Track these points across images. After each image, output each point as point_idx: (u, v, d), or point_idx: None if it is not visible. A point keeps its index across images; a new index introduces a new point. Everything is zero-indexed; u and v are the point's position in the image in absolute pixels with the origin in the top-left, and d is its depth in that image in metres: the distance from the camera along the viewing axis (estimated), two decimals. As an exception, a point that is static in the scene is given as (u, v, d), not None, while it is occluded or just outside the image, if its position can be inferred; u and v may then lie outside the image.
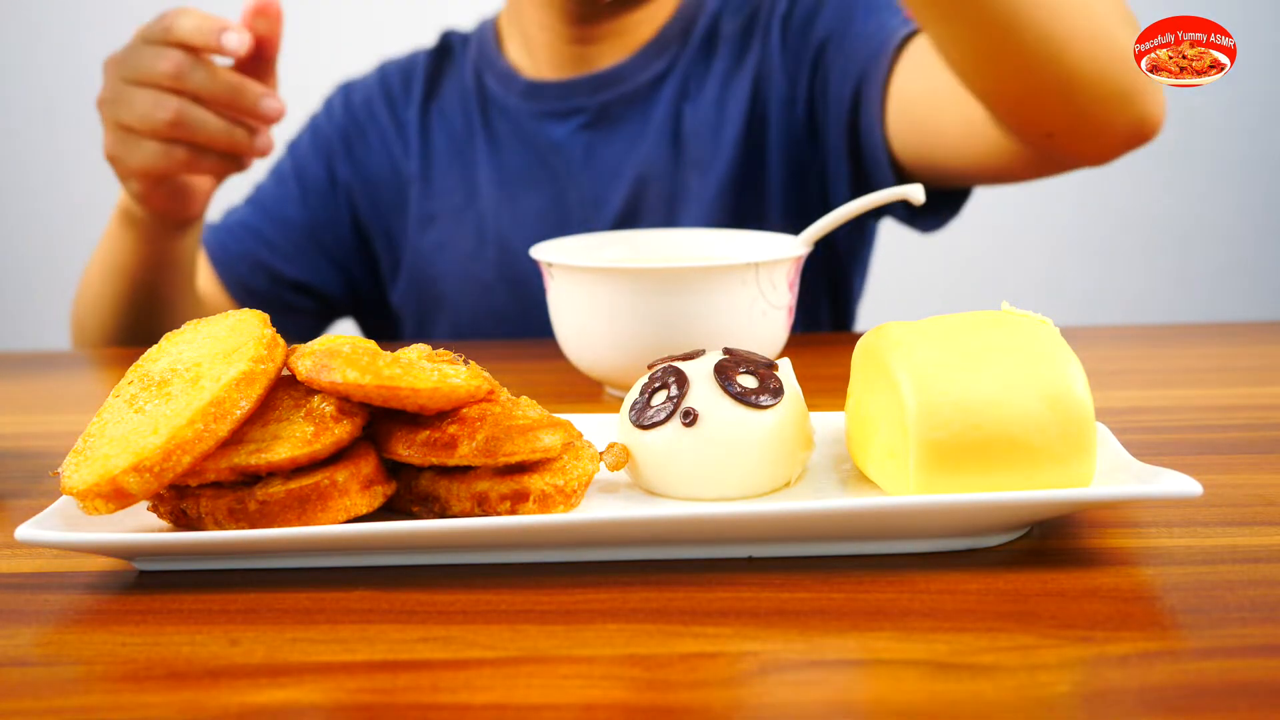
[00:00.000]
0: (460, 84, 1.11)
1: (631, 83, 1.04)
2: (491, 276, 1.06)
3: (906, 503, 0.45)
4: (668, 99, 1.03)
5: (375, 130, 1.12)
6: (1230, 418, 0.66)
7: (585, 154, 1.05)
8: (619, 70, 1.04)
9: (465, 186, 1.08)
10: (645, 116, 1.04)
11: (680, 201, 1.02)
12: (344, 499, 0.47)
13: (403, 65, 1.15)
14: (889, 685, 0.38)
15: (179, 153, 0.84)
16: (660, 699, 0.37)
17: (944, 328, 0.50)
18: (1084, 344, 0.57)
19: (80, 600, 0.46)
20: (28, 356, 0.95)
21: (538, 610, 0.43)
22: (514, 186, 1.07)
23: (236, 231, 1.10)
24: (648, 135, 1.03)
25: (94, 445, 0.46)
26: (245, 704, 0.37)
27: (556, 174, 1.05)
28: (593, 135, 1.05)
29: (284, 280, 1.10)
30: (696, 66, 1.04)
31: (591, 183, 1.04)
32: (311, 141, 1.14)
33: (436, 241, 1.09)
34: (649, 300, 0.67)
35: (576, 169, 1.05)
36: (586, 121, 1.05)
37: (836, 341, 0.90)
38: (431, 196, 1.09)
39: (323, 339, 0.50)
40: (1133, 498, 0.45)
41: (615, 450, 0.51)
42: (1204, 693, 0.36)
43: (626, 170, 1.03)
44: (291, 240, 1.10)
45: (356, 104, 1.13)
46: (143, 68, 0.82)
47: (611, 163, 1.04)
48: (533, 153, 1.06)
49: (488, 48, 1.11)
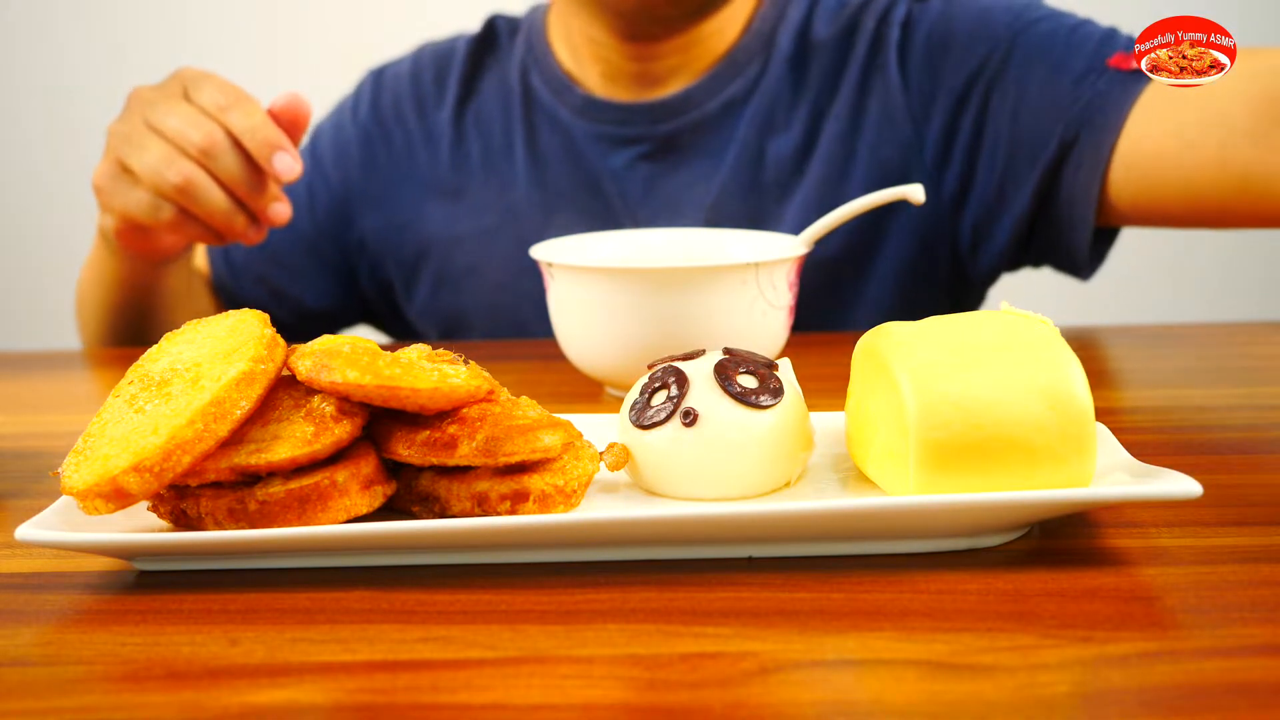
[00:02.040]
0: (503, 82, 1.00)
1: (701, 110, 0.93)
2: (530, 312, 0.93)
3: (906, 503, 0.45)
4: (745, 128, 0.93)
5: (401, 135, 1.02)
6: (1230, 418, 0.66)
7: (644, 188, 0.94)
8: (688, 95, 0.93)
9: (501, 205, 0.98)
10: (719, 148, 0.93)
11: None
12: (344, 499, 0.47)
13: (440, 52, 1.04)
14: (889, 685, 0.38)
15: (167, 213, 0.79)
16: (660, 699, 0.37)
17: (944, 328, 0.50)
18: (1084, 344, 0.57)
19: (80, 600, 0.46)
20: (28, 356, 0.95)
21: (538, 610, 0.43)
22: (558, 211, 0.96)
23: (238, 248, 1.02)
24: (721, 170, 0.93)
25: (94, 445, 0.46)
26: (245, 704, 0.37)
27: (610, 205, 0.95)
28: (654, 167, 0.94)
29: (286, 297, 1.03)
30: (783, 88, 0.93)
31: (650, 220, 0.94)
32: (332, 140, 1.04)
33: (466, 265, 0.98)
34: (649, 300, 0.67)
35: (633, 202, 0.94)
36: (647, 151, 0.94)
37: (836, 341, 0.90)
38: (460, 217, 0.99)
39: (323, 339, 0.50)
40: (1133, 498, 0.45)
41: (615, 450, 0.51)
42: (1204, 693, 0.36)
43: (690, 210, 0.93)
44: (295, 252, 1.03)
45: (385, 103, 1.03)
46: (171, 125, 0.77)
47: (674, 199, 0.94)
48: (583, 176, 0.96)
49: (537, 43, 0.99)
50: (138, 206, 0.79)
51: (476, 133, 1.00)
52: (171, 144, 0.77)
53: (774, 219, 0.93)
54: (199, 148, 0.76)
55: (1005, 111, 0.88)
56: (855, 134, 0.92)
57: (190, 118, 0.77)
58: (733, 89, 0.93)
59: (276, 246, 1.02)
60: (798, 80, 0.93)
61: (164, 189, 0.77)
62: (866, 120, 0.92)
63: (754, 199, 0.93)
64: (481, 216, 0.98)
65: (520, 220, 0.97)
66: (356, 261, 1.05)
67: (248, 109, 0.77)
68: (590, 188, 0.95)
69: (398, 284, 1.04)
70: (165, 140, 0.77)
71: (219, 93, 0.78)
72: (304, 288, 1.04)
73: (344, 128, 1.05)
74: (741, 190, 0.93)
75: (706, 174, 0.93)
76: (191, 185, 0.77)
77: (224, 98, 0.78)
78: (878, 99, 0.92)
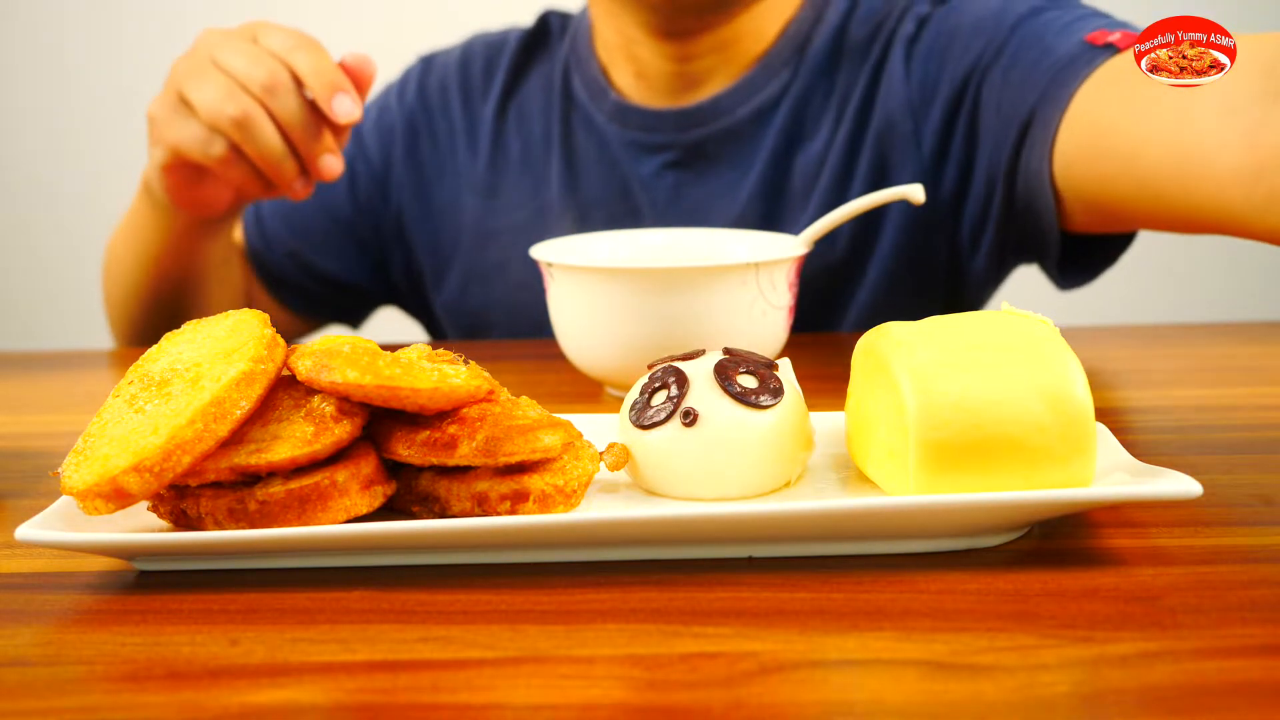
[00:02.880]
0: (547, 80, 0.99)
1: (730, 118, 0.93)
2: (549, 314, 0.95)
3: (906, 503, 0.45)
4: (774, 137, 0.92)
5: (445, 124, 1.02)
6: (1230, 418, 0.66)
7: (671, 196, 0.94)
8: (717, 102, 0.93)
9: (534, 204, 0.97)
10: (747, 158, 0.93)
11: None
12: (344, 499, 0.47)
13: (491, 44, 1.03)
14: (889, 685, 0.38)
15: (219, 148, 0.77)
16: (660, 699, 0.37)
17: (944, 328, 0.50)
18: (1084, 344, 0.57)
19: (80, 600, 0.46)
20: (28, 356, 0.95)
21: (538, 610, 0.43)
22: (590, 215, 0.96)
23: (273, 218, 1.02)
24: (748, 180, 0.92)
25: (94, 445, 0.46)
26: (245, 704, 0.37)
27: (639, 211, 0.95)
28: (681, 175, 0.94)
29: (316, 272, 1.03)
30: (813, 95, 0.92)
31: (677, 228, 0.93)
32: (376, 123, 1.03)
33: (496, 261, 0.98)
34: (649, 300, 0.67)
35: (660, 210, 0.94)
36: (675, 159, 0.94)
37: (836, 341, 0.90)
38: (495, 212, 0.99)
39: (323, 339, 0.50)
40: (1133, 498, 0.45)
41: (615, 450, 0.51)
42: (1204, 693, 0.36)
43: (716, 219, 0.93)
44: (329, 231, 1.03)
45: (432, 89, 1.03)
46: (237, 64, 0.76)
47: (701, 208, 0.93)
48: (615, 181, 0.95)
49: (581, 43, 0.99)
50: (191, 139, 0.78)
51: (517, 129, 1.00)
52: (234, 80, 0.76)
53: (796, 226, 0.91)
54: (261, 84, 0.76)
55: (993, 103, 0.85)
56: (862, 132, 0.91)
57: (256, 56, 0.77)
58: (764, 95, 0.92)
59: (311, 222, 1.02)
60: (828, 86, 0.92)
61: (220, 123, 0.76)
62: (873, 116, 0.91)
63: (780, 208, 0.93)
64: (514, 213, 0.98)
65: (549, 221, 0.96)
66: (391, 246, 1.05)
67: (315, 52, 0.77)
68: (621, 192, 0.95)
69: (428, 274, 1.04)
70: (228, 76, 0.76)
71: (288, 37, 0.78)
72: (338, 265, 1.04)
73: (389, 110, 1.04)
74: (767, 200, 0.92)
75: (733, 184, 0.93)
76: (248, 120, 0.76)
77: (292, 40, 0.78)
78: (883, 94, 0.91)
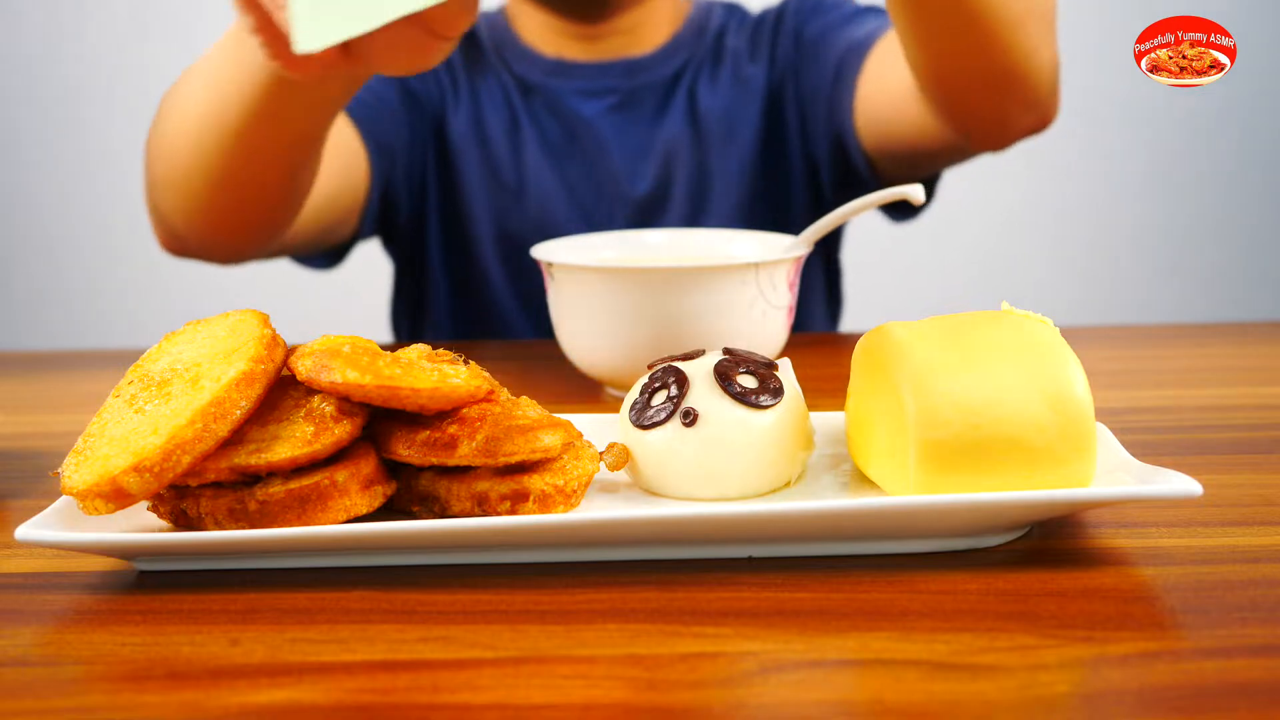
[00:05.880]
0: (496, 73, 1.08)
1: (657, 72, 1.07)
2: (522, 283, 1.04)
3: (906, 503, 0.45)
4: (685, 87, 1.07)
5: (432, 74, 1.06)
6: (1230, 418, 0.66)
7: (615, 132, 1.06)
8: (647, 60, 1.07)
9: (515, 170, 1.06)
10: (667, 101, 1.07)
11: (707, 178, 1.05)
12: (344, 499, 0.47)
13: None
14: (889, 685, 0.38)
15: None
16: (660, 699, 0.37)
17: (944, 328, 0.50)
18: (1084, 344, 0.57)
19: (80, 600, 0.46)
20: (28, 356, 0.95)
21: (538, 610, 0.43)
22: (556, 163, 1.07)
23: None
24: (670, 116, 1.07)
25: (94, 445, 0.46)
26: (245, 704, 0.37)
27: (587, 150, 1.07)
28: (622, 116, 1.07)
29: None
30: (709, 66, 1.08)
31: (622, 160, 1.06)
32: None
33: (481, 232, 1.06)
34: (649, 300, 0.67)
35: (607, 146, 1.07)
36: (616, 103, 1.07)
37: (836, 341, 0.90)
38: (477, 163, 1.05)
39: (323, 339, 0.50)
40: (1133, 498, 0.45)
41: (615, 450, 0.51)
42: (1204, 693, 0.36)
43: (655, 147, 1.06)
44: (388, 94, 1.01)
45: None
46: None
47: (640, 141, 1.06)
48: (565, 128, 1.07)
49: (502, 33, 1.09)
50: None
51: (489, 100, 1.07)
52: None
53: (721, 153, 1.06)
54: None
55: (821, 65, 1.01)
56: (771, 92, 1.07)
57: None
58: (674, 61, 1.08)
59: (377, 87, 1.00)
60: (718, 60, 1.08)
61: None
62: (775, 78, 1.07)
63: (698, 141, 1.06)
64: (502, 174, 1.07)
65: (530, 177, 1.05)
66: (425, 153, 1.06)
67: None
68: (569, 136, 1.07)
69: (431, 204, 1.06)
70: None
71: None
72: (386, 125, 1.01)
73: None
74: (686, 131, 1.06)
75: (658, 118, 1.07)
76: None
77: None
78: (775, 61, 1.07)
